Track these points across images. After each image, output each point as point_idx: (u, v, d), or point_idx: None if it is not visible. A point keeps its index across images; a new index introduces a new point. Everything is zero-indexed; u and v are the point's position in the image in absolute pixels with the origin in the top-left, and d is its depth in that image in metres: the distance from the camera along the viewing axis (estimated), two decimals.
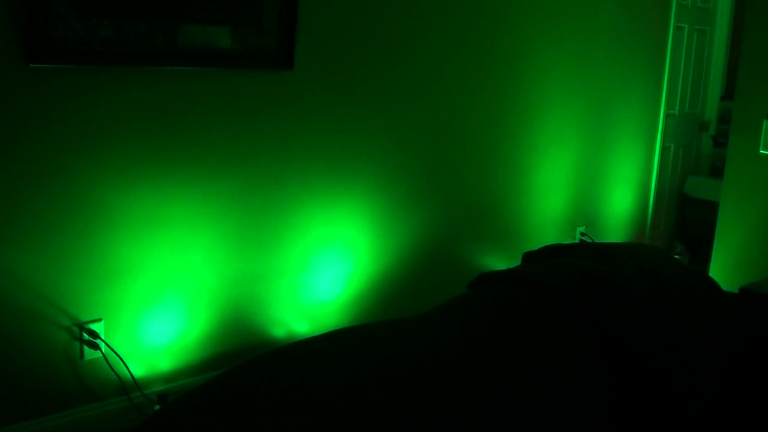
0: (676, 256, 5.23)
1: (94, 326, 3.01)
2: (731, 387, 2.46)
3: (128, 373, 3.13)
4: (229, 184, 3.33)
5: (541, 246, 3.12)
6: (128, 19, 2.89)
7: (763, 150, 3.97)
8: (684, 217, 6.57)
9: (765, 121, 3.95)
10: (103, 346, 3.04)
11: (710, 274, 4.19)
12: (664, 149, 5.98)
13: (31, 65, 2.71)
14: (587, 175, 5.15)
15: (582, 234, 5.17)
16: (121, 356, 3.10)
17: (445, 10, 4.01)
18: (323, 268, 3.74)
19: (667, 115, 5.85)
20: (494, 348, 2.13)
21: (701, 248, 5.64)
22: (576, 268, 2.54)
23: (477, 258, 4.49)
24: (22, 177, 2.77)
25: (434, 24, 3.98)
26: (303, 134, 3.54)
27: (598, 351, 2.25)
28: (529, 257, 3.05)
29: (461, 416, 1.85)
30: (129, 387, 3.14)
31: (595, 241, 5.14)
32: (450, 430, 1.81)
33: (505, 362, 2.08)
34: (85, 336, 3.00)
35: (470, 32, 4.16)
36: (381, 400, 1.82)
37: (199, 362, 3.37)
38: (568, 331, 2.29)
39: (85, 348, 3.01)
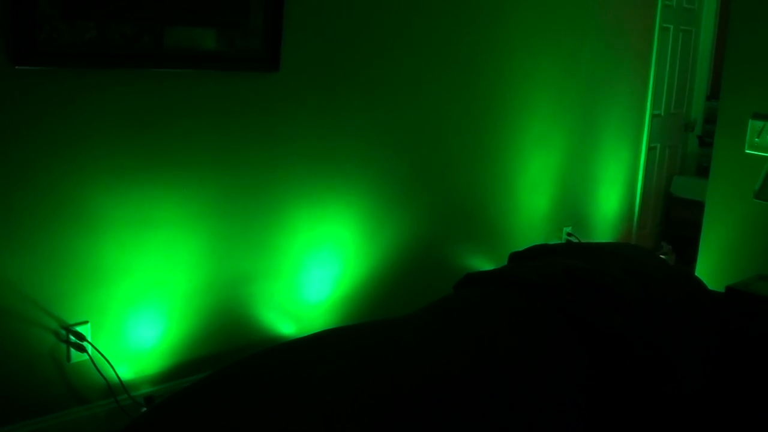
0: (662, 256, 5.25)
1: (80, 329, 3.00)
2: (717, 385, 2.47)
3: (115, 376, 3.12)
4: (216, 186, 3.33)
5: (528, 246, 3.13)
6: (114, 21, 2.88)
7: (748, 149, 3.98)
8: (670, 217, 6.59)
9: (750, 121, 3.97)
10: (89, 348, 3.03)
11: (696, 274, 4.21)
12: (651, 149, 6.00)
13: (16, 67, 2.70)
14: (574, 175, 5.16)
15: (568, 234, 5.18)
16: (108, 358, 3.09)
17: (431, 12, 4.01)
18: (311, 269, 3.74)
19: (653, 116, 5.87)
20: (479, 346, 2.14)
21: (688, 248, 5.66)
22: (562, 268, 2.54)
23: (464, 259, 4.49)
24: (7, 179, 2.76)
25: (420, 25, 3.98)
26: (290, 135, 3.54)
27: (583, 350, 2.26)
28: (516, 258, 3.06)
29: (447, 412, 1.86)
30: (116, 389, 3.13)
31: (582, 241, 5.15)
32: (436, 425, 1.82)
33: (489, 360, 2.08)
34: (72, 338, 2.99)
35: (456, 33, 4.16)
36: (367, 400, 1.82)
37: (186, 364, 3.36)
38: (554, 331, 2.30)
39: (72, 351, 3.00)
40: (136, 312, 3.16)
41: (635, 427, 2.23)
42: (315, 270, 3.76)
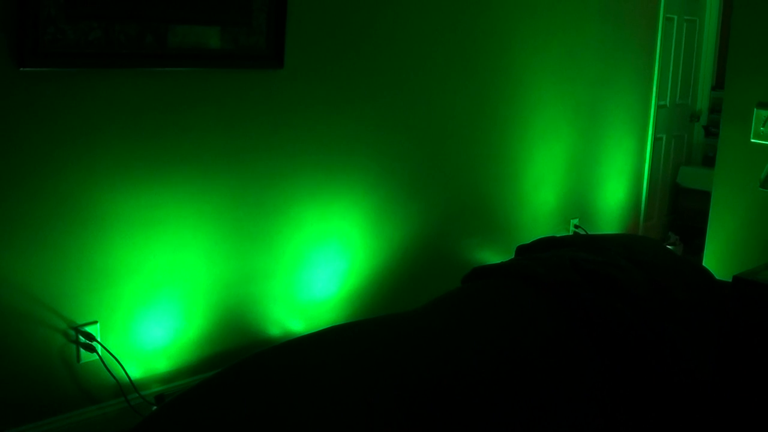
0: (669, 247, 5.25)
1: (89, 329, 3.01)
2: (724, 375, 2.47)
3: (125, 375, 3.13)
4: (222, 184, 3.33)
5: (535, 239, 3.13)
6: (118, 21, 2.88)
7: (753, 139, 3.97)
8: (677, 207, 6.59)
9: (755, 110, 3.96)
10: (99, 348, 3.04)
11: (704, 264, 4.20)
12: (656, 140, 6.00)
13: (21, 69, 2.71)
14: (580, 167, 5.16)
15: (575, 226, 5.18)
16: (118, 358, 3.10)
17: (434, 7, 4.01)
18: (318, 265, 3.75)
19: (658, 106, 5.87)
20: (487, 341, 2.14)
21: (695, 238, 5.66)
22: (568, 260, 2.54)
23: (471, 252, 4.50)
24: (15, 180, 2.77)
25: (422, 19, 3.98)
26: (295, 132, 3.54)
27: (591, 342, 2.26)
28: (523, 250, 3.06)
29: (455, 409, 1.86)
30: (126, 389, 3.14)
31: (589, 233, 5.15)
32: (444, 423, 1.82)
33: (497, 355, 2.09)
34: (81, 339, 3.00)
35: (458, 26, 4.16)
36: (376, 396, 1.83)
37: (195, 363, 3.37)
38: (561, 323, 2.30)
39: (82, 351, 3.01)
40: (144, 311, 3.17)
41: (649, 417, 2.23)
42: (322, 266, 3.77)
